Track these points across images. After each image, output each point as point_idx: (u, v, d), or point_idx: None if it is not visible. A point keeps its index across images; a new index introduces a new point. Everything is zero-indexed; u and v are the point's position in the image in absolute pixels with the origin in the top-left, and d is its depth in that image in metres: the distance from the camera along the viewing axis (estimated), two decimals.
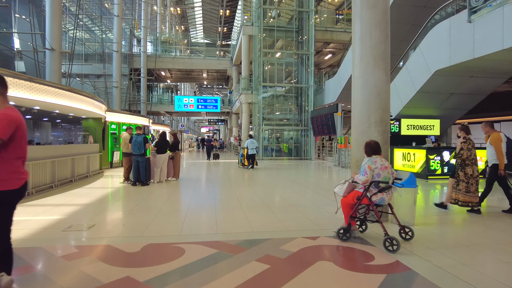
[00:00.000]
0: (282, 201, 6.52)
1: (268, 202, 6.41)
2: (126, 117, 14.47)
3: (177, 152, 9.78)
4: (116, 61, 21.00)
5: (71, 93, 8.06)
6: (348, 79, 16.53)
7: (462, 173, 5.30)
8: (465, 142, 5.30)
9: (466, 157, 5.24)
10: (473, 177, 5.25)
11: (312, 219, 4.98)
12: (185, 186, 8.80)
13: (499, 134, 5.46)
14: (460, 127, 5.42)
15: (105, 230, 4.43)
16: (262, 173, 12.34)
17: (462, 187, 5.26)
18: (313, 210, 5.65)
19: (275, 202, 6.49)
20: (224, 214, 5.34)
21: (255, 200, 6.58)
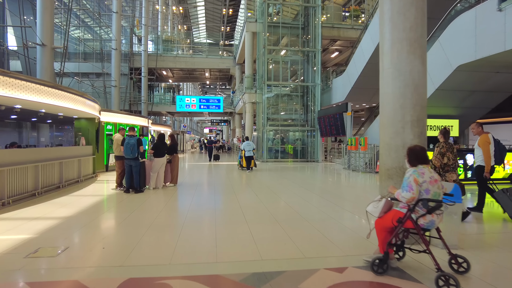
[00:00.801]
0: (292, 213, 5.64)
1: (276, 214, 5.53)
2: (123, 117, 13.65)
3: (175, 155, 8.94)
4: (115, 59, 20.21)
5: (56, 90, 7.24)
6: (358, 76, 15.67)
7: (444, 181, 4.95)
8: (438, 147, 5.13)
9: (445, 163, 5.01)
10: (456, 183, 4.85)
11: (333, 240, 4.11)
12: (183, 193, 7.96)
13: (487, 136, 5.39)
14: (441, 131, 5.24)
15: (79, 256, 3.58)
16: (267, 176, 11.48)
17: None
18: (331, 226, 4.78)
19: (284, 214, 5.61)
20: (225, 231, 4.48)
21: (261, 212, 5.71)
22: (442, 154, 5.05)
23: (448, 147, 5.08)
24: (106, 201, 6.79)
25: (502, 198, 5.14)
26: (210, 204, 6.46)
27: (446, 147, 5.08)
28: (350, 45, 25.23)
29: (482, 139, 5.42)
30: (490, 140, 5.39)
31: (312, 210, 5.89)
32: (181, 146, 31.43)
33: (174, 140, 9.06)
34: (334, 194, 7.79)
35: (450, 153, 5.03)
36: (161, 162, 8.33)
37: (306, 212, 5.70)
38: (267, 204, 6.35)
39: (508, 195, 5.06)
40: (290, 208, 6.01)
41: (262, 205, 6.29)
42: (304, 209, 5.97)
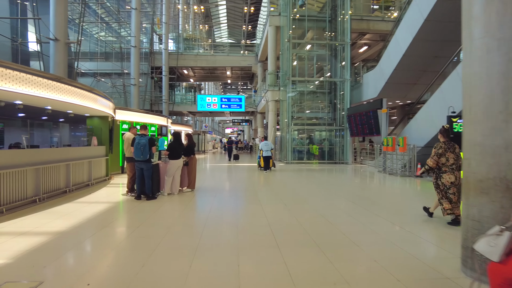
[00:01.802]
0: (334, 232, 4.48)
1: (313, 233, 4.39)
2: (140, 116, 12.89)
3: (192, 157, 7.96)
4: (134, 57, 19.67)
5: (58, 83, 6.42)
6: (393, 70, 14.22)
7: (439, 182, 4.93)
8: (435, 147, 4.91)
9: (443, 163, 4.86)
10: (455, 185, 4.79)
11: (399, 277, 2.93)
12: (200, 201, 6.96)
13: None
14: (440, 130, 5.02)
15: None
16: (293, 180, 10.34)
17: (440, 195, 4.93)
18: (393, 256, 3.57)
19: (324, 233, 4.45)
20: (251, 262, 3.37)
21: (294, 230, 4.59)
22: (438, 155, 4.85)
23: (448, 147, 4.85)
24: (111, 210, 5.88)
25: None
26: (232, 218, 5.40)
27: (444, 147, 4.85)
28: (380, 39, 23.62)
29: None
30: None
31: (359, 228, 4.70)
32: (203, 146, 30.76)
33: (191, 140, 8.10)
34: (380, 205, 6.53)
35: (451, 153, 4.82)
36: (176, 164, 7.38)
37: (352, 231, 4.53)
38: (300, 218, 5.21)
39: None
40: (330, 225, 4.85)
41: (294, 219, 5.15)
42: (348, 226, 4.79)
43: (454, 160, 4.82)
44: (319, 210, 5.86)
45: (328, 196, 7.43)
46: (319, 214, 5.54)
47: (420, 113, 12.39)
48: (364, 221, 5.07)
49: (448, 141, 4.95)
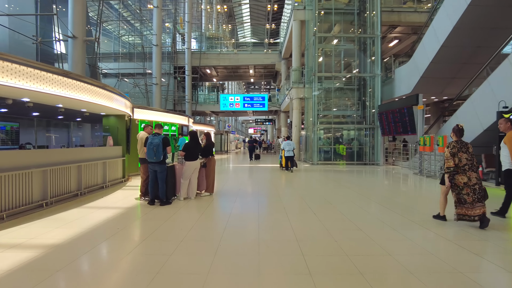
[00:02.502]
0: (380, 253, 3.62)
1: (354, 254, 3.54)
2: (159, 115, 12.45)
3: (211, 158, 7.29)
4: (156, 56, 19.38)
5: (68, 79, 5.93)
6: (429, 64, 13.00)
7: (451, 183, 4.70)
8: (448, 147, 4.73)
9: (456, 164, 4.63)
10: (468, 186, 4.57)
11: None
12: (218, 207, 6.27)
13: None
14: (453, 128, 4.82)
15: None
16: (322, 184, 9.47)
17: (454, 199, 4.73)
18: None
19: (367, 255, 3.59)
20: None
21: (329, 249, 3.76)
22: (453, 155, 4.65)
23: (460, 147, 4.67)
24: (119, 218, 5.29)
25: None
26: (253, 230, 4.63)
27: (457, 146, 4.67)
28: (412, 32, 22.16)
29: (509, 135, 4.89)
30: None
31: (409, 247, 3.81)
32: (225, 146, 30.29)
33: (209, 139, 7.43)
34: (426, 215, 5.57)
35: (463, 153, 4.63)
36: (193, 166, 6.74)
37: (401, 251, 3.64)
38: (334, 232, 4.39)
39: None
40: (371, 243, 3.98)
41: (326, 234, 4.33)
42: (394, 244, 3.91)
43: (466, 161, 4.60)
44: (355, 221, 5.00)
45: (363, 203, 6.53)
46: (356, 226, 4.68)
47: (463, 109, 11.15)
48: (413, 236, 4.17)
49: (461, 140, 4.74)
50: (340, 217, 5.27)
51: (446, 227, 4.68)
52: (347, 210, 5.83)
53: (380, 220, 5.12)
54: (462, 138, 4.78)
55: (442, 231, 4.48)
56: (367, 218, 5.26)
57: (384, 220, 5.11)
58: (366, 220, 5.14)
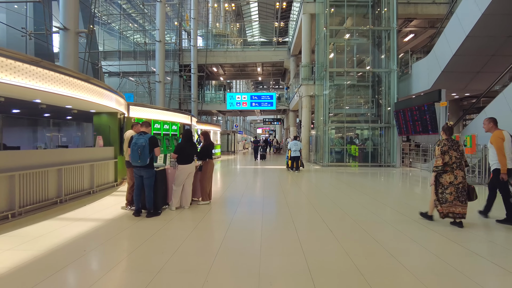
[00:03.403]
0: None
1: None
2: (158, 113, 11.59)
3: (209, 161, 6.34)
4: (159, 52, 18.56)
5: (40, 69, 5.07)
6: (452, 56, 11.84)
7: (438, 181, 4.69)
8: (439, 145, 4.66)
9: (446, 163, 4.57)
10: (453, 185, 4.56)
11: None
12: (215, 220, 5.32)
13: (501, 132, 4.86)
14: (442, 127, 4.84)
15: None
16: (336, 189, 8.45)
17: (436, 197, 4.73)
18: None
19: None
20: None
21: (354, 286, 2.81)
22: (443, 153, 4.59)
23: (451, 145, 4.63)
24: (94, 233, 4.39)
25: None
26: (253, 255, 3.66)
27: (448, 144, 4.63)
28: (429, 26, 20.95)
29: (495, 135, 4.88)
30: (504, 136, 4.78)
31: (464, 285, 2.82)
32: (232, 146, 29.40)
33: (208, 139, 6.48)
34: (469, 231, 4.55)
35: (454, 151, 4.58)
36: (187, 170, 5.82)
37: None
38: (358, 260, 3.39)
39: None
40: (407, 274, 3.00)
41: (351, 266, 3.31)
42: (444, 281, 2.93)
43: (456, 159, 4.61)
44: (382, 241, 4.00)
45: (387, 215, 5.51)
46: (385, 251, 3.68)
47: (493, 105, 9.99)
48: (457, 264, 3.16)
49: (451, 138, 4.74)
50: (363, 237, 4.27)
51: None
52: (369, 224, 4.82)
53: (413, 239, 4.11)
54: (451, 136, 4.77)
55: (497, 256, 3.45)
56: (394, 236, 4.25)
57: (417, 239, 4.10)
58: (393, 238, 4.14)
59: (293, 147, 12.58)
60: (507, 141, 4.77)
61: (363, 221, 4.99)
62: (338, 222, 4.96)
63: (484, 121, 5.18)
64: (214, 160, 14.43)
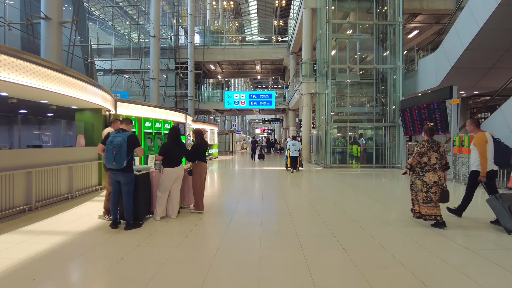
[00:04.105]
0: None
1: None
2: (149, 111, 10.80)
3: (200, 164, 5.54)
4: (154, 48, 17.76)
5: (6, 57, 4.29)
6: (463, 51, 11.08)
7: (420, 181, 4.69)
8: (418, 146, 4.74)
9: (425, 163, 4.63)
10: (437, 185, 4.58)
11: None
12: (206, 232, 4.54)
13: (484, 134, 4.80)
14: (424, 128, 4.84)
15: None
16: (343, 194, 7.69)
17: (420, 197, 4.70)
18: None
19: None
20: None
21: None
22: (420, 154, 4.65)
23: (431, 146, 4.64)
24: (56, 252, 3.61)
25: (495, 204, 4.50)
26: (250, 281, 2.92)
27: (427, 146, 4.65)
28: (434, 21, 20.23)
29: (478, 137, 4.78)
30: (487, 138, 4.72)
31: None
32: (230, 146, 28.62)
33: (201, 138, 5.66)
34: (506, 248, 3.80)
35: (434, 152, 4.61)
36: (174, 174, 5.04)
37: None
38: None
39: (501, 201, 4.40)
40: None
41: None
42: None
43: (436, 160, 4.63)
44: (405, 263, 3.23)
45: (405, 227, 4.75)
46: (414, 279, 2.91)
47: (510, 103, 9.27)
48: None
49: (432, 140, 4.74)
50: (382, 255, 3.50)
51: None
52: (386, 239, 4.06)
53: (444, 261, 3.34)
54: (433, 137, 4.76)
55: None
56: (424, 258, 3.48)
57: (450, 261, 3.33)
58: (424, 260, 3.37)
59: (292, 147, 12.62)
60: (489, 143, 4.73)
61: (378, 234, 4.22)
62: (351, 238, 4.19)
63: (467, 122, 5.21)
64: (211, 161, 13.53)
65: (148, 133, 10.72)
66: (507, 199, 4.43)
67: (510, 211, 4.33)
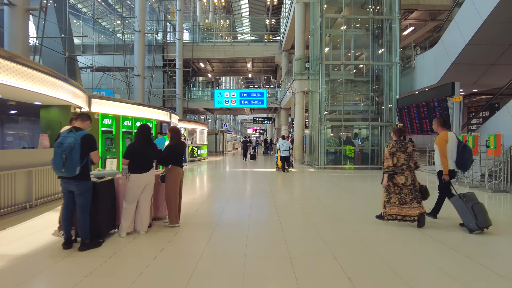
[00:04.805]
0: None
1: None
2: (129, 108, 9.93)
3: (175, 169, 4.69)
4: (139, 43, 16.82)
5: None
6: (465, 45, 10.48)
7: (391, 183, 4.64)
8: (388, 146, 4.66)
9: (394, 164, 4.55)
10: (405, 186, 4.57)
11: None
12: (180, 253, 3.70)
13: (446, 133, 4.78)
14: (393, 128, 4.83)
15: None
16: (342, 201, 6.96)
17: (395, 199, 4.64)
18: None
19: None
20: None
21: None
22: (392, 154, 4.59)
23: (400, 146, 4.62)
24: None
25: (458, 204, 4.46)
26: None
27: (396, 146, 4.61)
28: (430, 18, 19.71)
29: (439, 137, 4.81)
30: (448, 138, 4.71)
31: None
32: (221, 147, 27.79)
33: (177, 137, 4.83)
34: None
35: (402, 153, 4.60)
36: (142, 181, 4.21)
37: None
38: None
39: (465, 200, 4.38)
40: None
41: None
42: None
43: (404, 161, 4.59)
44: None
45: (421, 245, 4.02)
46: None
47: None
48: None
49: (400, 140, 4.71)
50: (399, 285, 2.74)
51: None
52: (400, 261, 3.30)
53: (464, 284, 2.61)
54: (401, 138, 4.76)
55: None
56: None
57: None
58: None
59: (282, 147, 12.58)
60: (450, 142, 4.72)
61: (387, 255, 3.47)
62: (358, 261, 3.42)
63: (433, 121, 5.18)
64: (199, 162, 12.54)
65: (128, 133, 9.85)
66: (470, 199, 4.39)
67: (473, 211, 4.27)
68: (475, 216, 4.24)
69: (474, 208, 4.28)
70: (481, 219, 4.23)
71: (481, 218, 4.24)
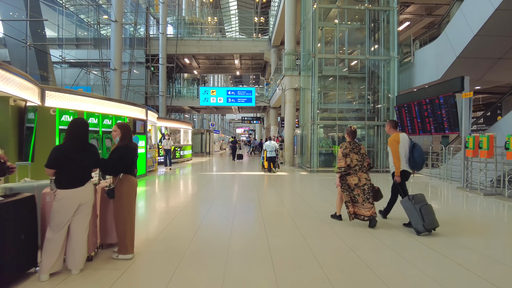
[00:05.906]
0: None
1: None
2: (95, 103, 8.56)
3: (127, 179, 3.41)
4: (116, 35, 15.37)
5: None
6: (472, 37, 9.49)
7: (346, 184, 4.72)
8: (341, 147, 4.72)
9: (348, 165, 4.62)
10: (358, 187, 4.65)
11: None
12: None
13: (398, 134, 4.81)
14: (347, 130, 4.87)
15: None
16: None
17: (347, 198, 4.74)
18: None
19: None
20: None
21: None
22: (345, 155, 4.66)
23: (353, 147, 4.71)
24: None
25: (407, 205, 4.47)
26: None
27: (350, 147, 4.70)
28: (426, 13, 18.83)
29: (391, 138, 4.82)
30: (399, 139, 4.73)
31: None
32: (207, 147, 26.46)
33: (128, 136, 3.54)
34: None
35: (355, 154, 4.69)
36: (74, 200, 2.93)
37: None
38: None
39: (414, 202, 4.38)
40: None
41: None
42: None
43: (357, 161, 4.66)
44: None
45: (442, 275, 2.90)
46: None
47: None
48: None
49: (354, 141, 4.78)
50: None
51: None
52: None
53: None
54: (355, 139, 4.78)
55: None
56: None
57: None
58: None
59: (268, 147, 12.50)
60: (402, 144, 4.72)
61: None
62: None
63: (386, 123, 5.21)
64: (182, 164, 11.28)
65: (94, 131, 8.48)
66: (418, 201, 4.39)
67: (421, 213, 4.26)
68: (422, 218, 4.23)
69: (421, 210, 4.26)
70: (428, 221, 4.23)
71: (428, 220, 4.24)
